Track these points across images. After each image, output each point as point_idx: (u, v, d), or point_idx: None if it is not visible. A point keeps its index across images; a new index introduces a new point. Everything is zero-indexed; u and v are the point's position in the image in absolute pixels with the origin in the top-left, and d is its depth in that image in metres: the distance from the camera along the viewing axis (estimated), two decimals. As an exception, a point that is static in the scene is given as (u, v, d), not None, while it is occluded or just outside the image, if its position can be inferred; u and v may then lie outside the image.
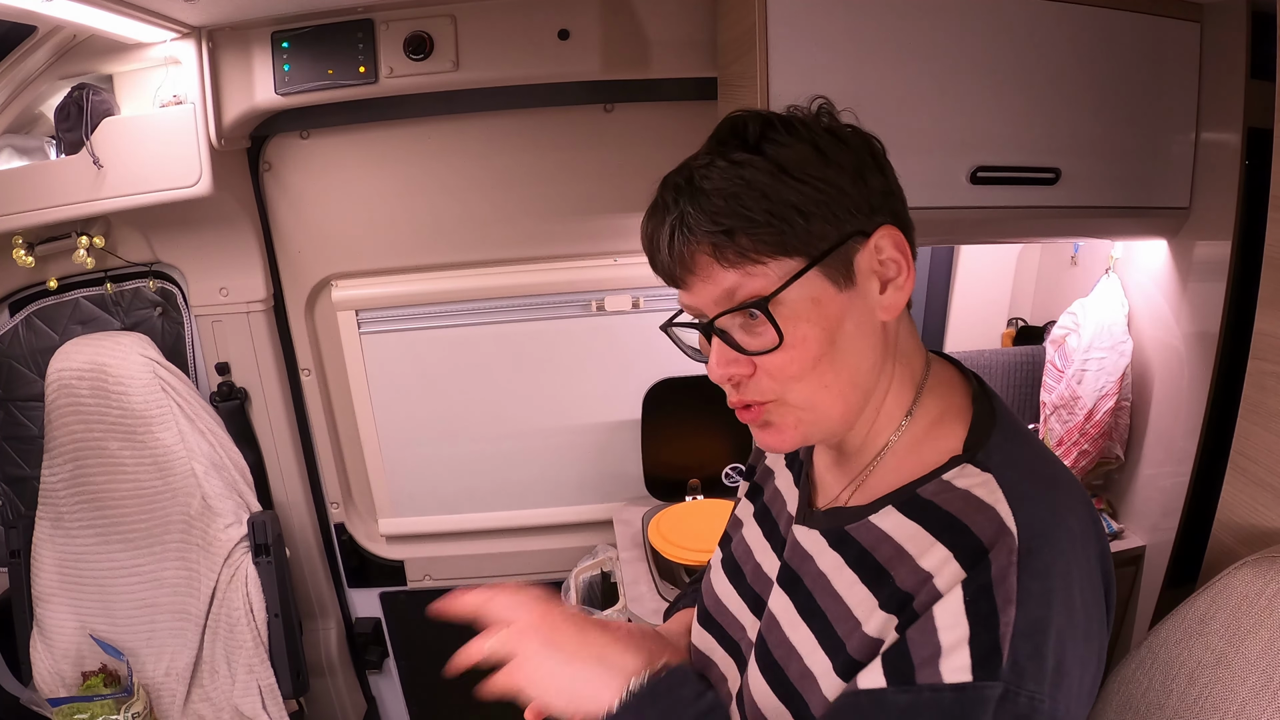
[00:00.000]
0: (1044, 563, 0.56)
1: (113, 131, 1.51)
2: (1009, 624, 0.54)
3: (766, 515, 0.82)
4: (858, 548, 0.66)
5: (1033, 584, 0.55)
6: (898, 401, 0.68)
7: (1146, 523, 1.46)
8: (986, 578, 0.56)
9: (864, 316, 0.64)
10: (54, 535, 1.74)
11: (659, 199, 0.67)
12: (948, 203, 1.22)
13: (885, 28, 1.17)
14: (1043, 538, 0.57)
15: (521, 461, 1.98)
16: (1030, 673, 0.54)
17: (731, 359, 0.64)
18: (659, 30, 1.53)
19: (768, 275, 0.61)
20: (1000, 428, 0.65)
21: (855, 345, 0.64)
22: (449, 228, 1.78)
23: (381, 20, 1.50)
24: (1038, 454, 0.66)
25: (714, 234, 0.61)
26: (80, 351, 1.69)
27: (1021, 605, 0.54)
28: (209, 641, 1.74)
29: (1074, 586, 0.57)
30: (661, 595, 1.57)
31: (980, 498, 0.60)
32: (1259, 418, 0.91)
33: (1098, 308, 1.49)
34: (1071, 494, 0.63)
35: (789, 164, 0.61)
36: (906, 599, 0.60)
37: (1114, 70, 1.22)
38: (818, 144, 0.63)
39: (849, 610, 0.64)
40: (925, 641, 0.57)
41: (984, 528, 0.58)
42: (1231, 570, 0.80)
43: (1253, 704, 0.73)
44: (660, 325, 0.73)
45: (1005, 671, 0.54)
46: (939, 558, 0.59)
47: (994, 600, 0.55)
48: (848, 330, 0.63)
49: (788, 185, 0.60)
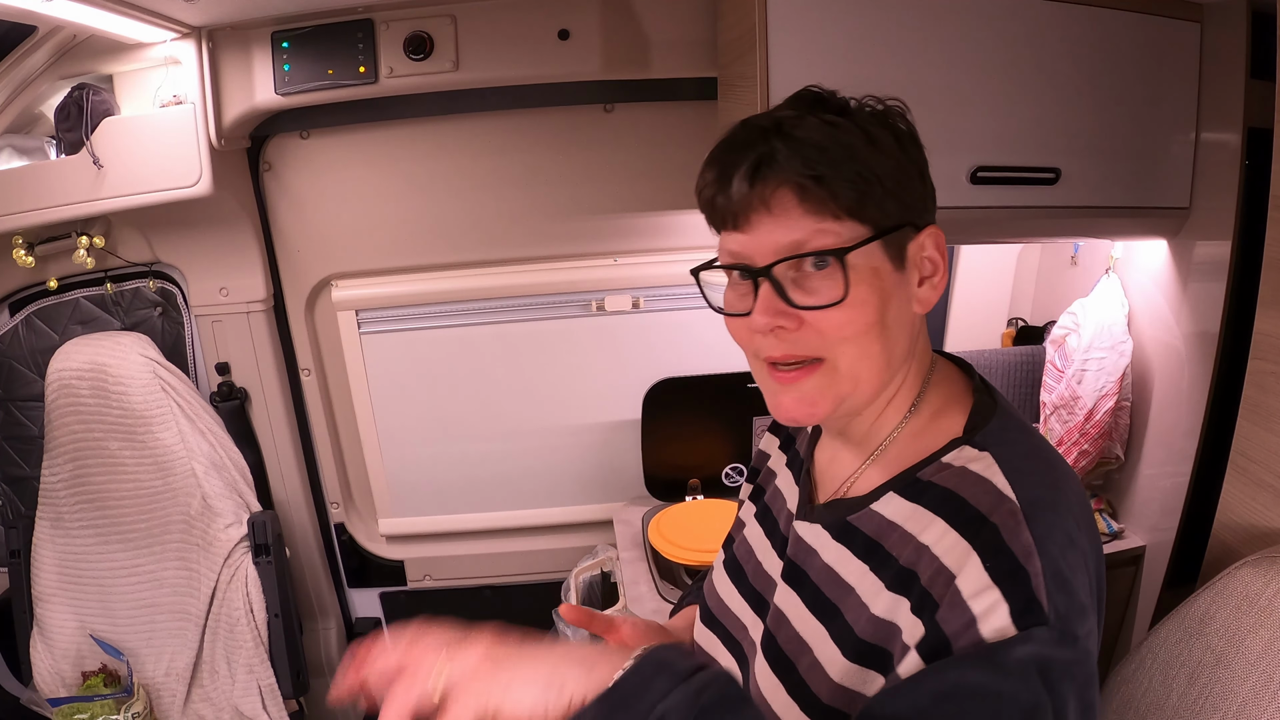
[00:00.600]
0: (1047, 519, 0.57)
1: (113, 131, 1.51)
2: (1038, 573, 0.54)
3: (767, 515, 0.82)
4: (863, 537, 0.66)
5: (1045, 534, 0.56)
6: (908, 393, 0.70)
7: (1146, 523, 1.46)
8: (998, 539, 0.56)
9: (905, 303, 0.66)
10: (54, 535, 1.74)
11: (738, 136, 0.66)
12: (948, 203, 1.20)
13: (885, 28, 1.17)
14: (1041, 503, 0.58)
15: (521, 461, 1.98)
16: (1072, 616, 0.54)
17: (780, 309, 0.63)
18: (659, 30, 1.53)
19: (839, 234, 0.62)
20: (999, 415, 0.66)
21: (897, 326, 0.65)
22: (449, 228, 1.78)
23: (381, 20, 1.50)
24: (1035, 441, 0.67)
25: (804, 176, 0.61)
26: (80, 351, 1.69)
27: (1043, 553, 0.55)
28: (209, 641, 1.74)
29: (1080, 538, 0.58)
30: (661, 595, 1.57)
31: (977, 472, 0.61)
32: (1259, 418, 0.91)
33: (1098, 308, 1.49)
34: (1068, 477, 0.64)
35: (878, 138, 0.63)
36: (910, 576, 0.60)
37: (1114, 70, 1.22)
38: (897, 133, 0.66)
39: (859, 599, 0.64)
40: (954, 614, 0.55)
41: (981, 499, 0.59)
42: (1231, 570, 0.80)
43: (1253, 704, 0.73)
44: (691, 269, 0.72)
45: (1050, 616, 0.53)
46: (937, 531, 0.60)
47: (1015, 558, 0.55)
48: (893, 309, 0.64)
49: (876, 155, 0.63)
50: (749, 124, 0.66)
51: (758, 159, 0.62)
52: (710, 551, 1.62)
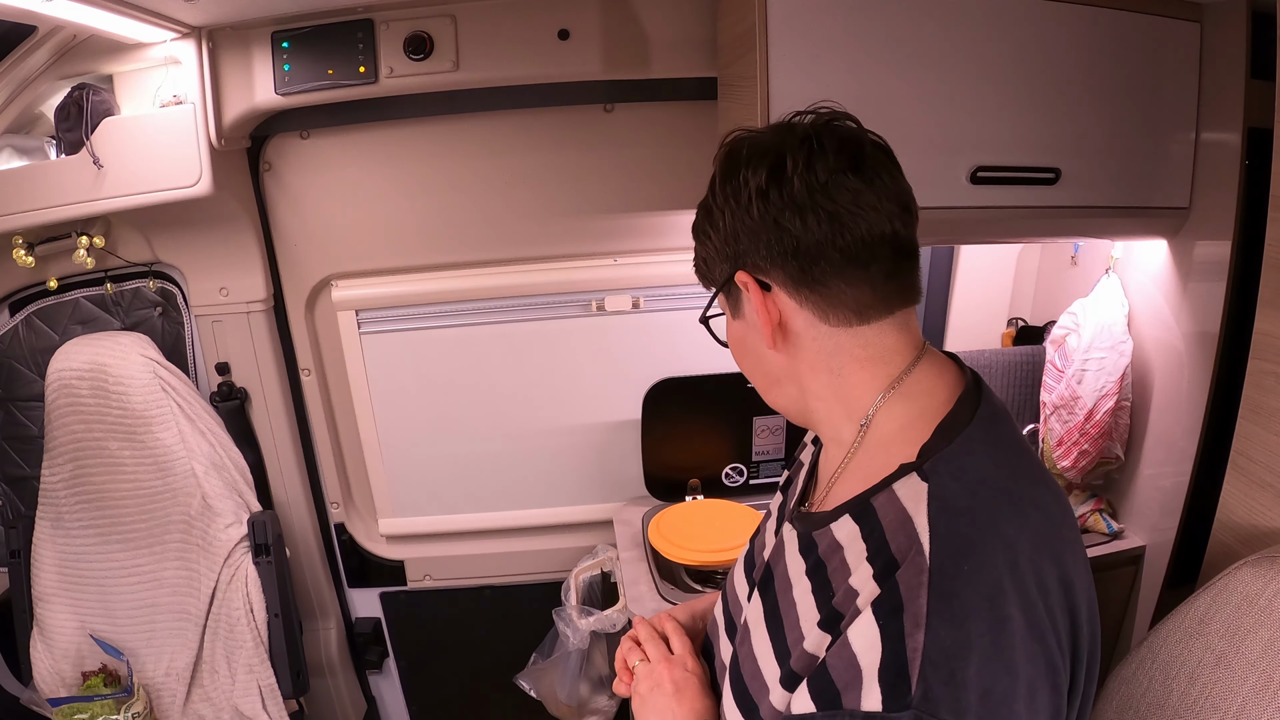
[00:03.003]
0: (960, 580, 0.54)
1: (113, 131, 1.51)
2: (917, 649, 0.52)
3: (780, 510, 0.85)
4: (815, 556, 0.67)
5: (944, 605, 0.53)
6: (852, 405, 0.70)
7: (1146, 523, 1.46)
8: (897, 598, 0.55)
9: (757, 339, 0.73)
10: (54, 535, 1.74)
11: None
12: (948, 203, 1.22)
13: (885, 27, 1.17)
14: (962, 552, 0.55)
15: (521, 461, 1.98)
16: (945, 701, 0.51)
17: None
18: (659, 30, 1.53)
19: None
20: (968, 435, 0.64)
21: (764, 360, 0.74)
22: (449, 228, 1.78)
23: (381, 20, 1.50)
24: (1003, 463, 0.64)
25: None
26: (80, 351, 1.69)
27: (931, 628, 0.52)
28: (209, 641, 1.74)
29: (1006, 602, 0.54)
30: (662, 595, 1.57)
31: (906, 510, 0.60)
32: (1259, 418, 0.91)
33: (1098, 308, 1.49)
34: (1026, 505, 0.60)
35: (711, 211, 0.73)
36: (838, 617, 0.60)
37: (1114, 70, 1.22)
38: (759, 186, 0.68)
39: (797, 620, 0.65)
40: (845, 666, 0.56)
41: (900, 543, 0.58)
42: (1231, 570, 0.80)
43: (1253, 704, 0.73)
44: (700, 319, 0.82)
45: (915, 699, 0.51)
46: (863, 575, 0.59)
47: (903, 623, 0.53)
48: (749, 347, 0.75)
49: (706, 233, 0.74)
50: None
51: None
52: (710, 551, 1.62)
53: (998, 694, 0.52)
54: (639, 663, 0.84)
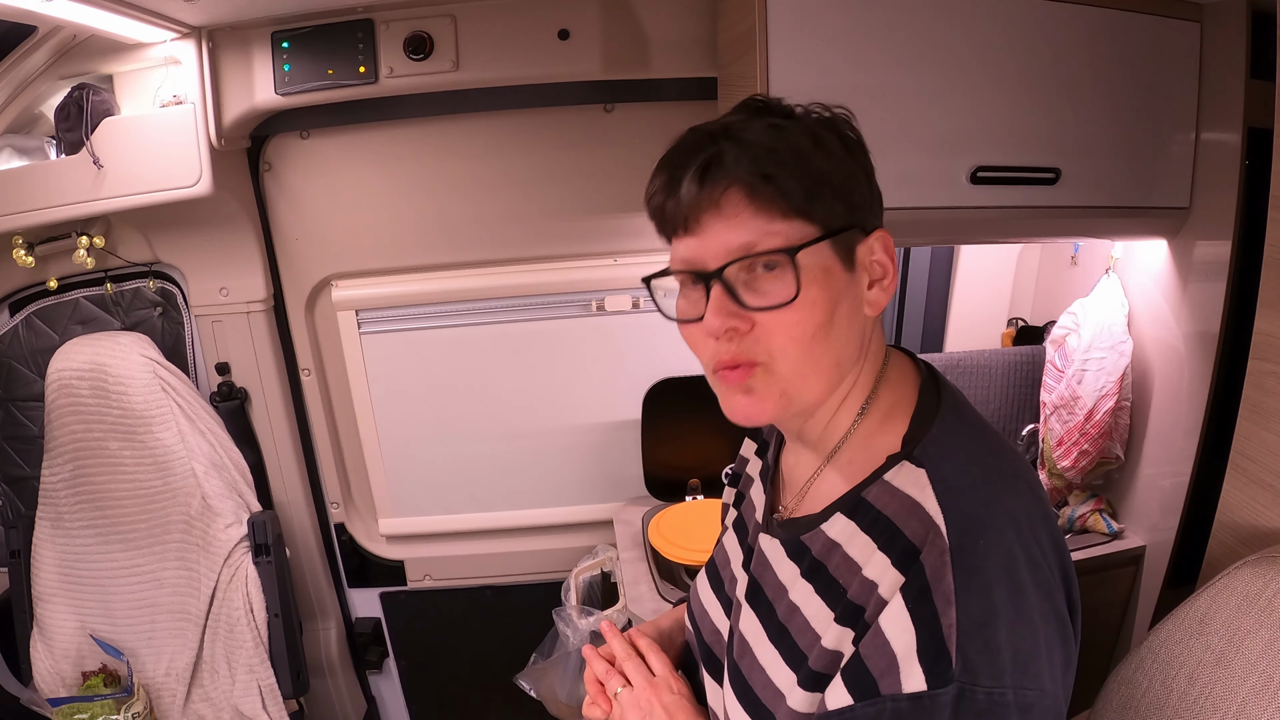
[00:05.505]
0: (978, 555, 0.56)
1: (113, 131, 1.51)
2: (951, 625, 0.54)
3: (741, 524, 0.84)
4: (810, 558, 0.67)
5: (969, 579, 0.55)
6: (859, 394, 0.69)
7: (1146, 523, 1.46)
8: (923, 580, 0.56)
9: (855, 305, 0.65)
10: (54, 535, 1.74)
11: (686, 141, 0.66)
12: (948, 203, 1.22)
13: (885, 27, 1.17)
14: (975, 529, 0.57)
15: (521, 461, 1.98)
16: (984, 668, 0.53)
17: (732, 311, 0.63)
18: (659, 30, 1.53)
19: (788, 235, 0.62)
20: (942, 418, 0.65)
21: (846, 327, 0.65)
22: (449, 228, 1.78)
23: (381, 20, 1.50)
24: (980, 441, 0.66)
25: (753, 175, 0.61)
26: (80, 351, 1.69)
27: (961, 603, 0.54)
28: (209, 641, 1.74)
29: (1019, 568, 0.57)
30: (662, 595, 1.57)
31: (912, 496, 0.61)
32: (1259, 418, 0.91)
33: (1098, 308, 1.49)
34: (1013, 477, 0.63)
35: (824, 141, 0.63)
36: (858, 611, 0.60)
37: (1114, 70, 1.22)
38: (844, 138, 0.66)
39: (807, 622, 0.65)
40: (880, 653, 0.57)
41: (914, 529, 0.59)
42: (1231, 570, 0.80)
43: (1253, 704, 0.73)
44: (643, 277, 0.72)
45: (957, 672, 0.53)
46: (880, 565, 0.60)
47: (934, 603, 0.55)
48: (843, 311, 0.64)
49: (822, 157, 0.63)
50: (697, 130, 0.66)
51: (706, 160, 0.62)
52: (710, 552, 1.62)
53: (1025, 652, 0.55)
54: (620, 690, 0.78)
